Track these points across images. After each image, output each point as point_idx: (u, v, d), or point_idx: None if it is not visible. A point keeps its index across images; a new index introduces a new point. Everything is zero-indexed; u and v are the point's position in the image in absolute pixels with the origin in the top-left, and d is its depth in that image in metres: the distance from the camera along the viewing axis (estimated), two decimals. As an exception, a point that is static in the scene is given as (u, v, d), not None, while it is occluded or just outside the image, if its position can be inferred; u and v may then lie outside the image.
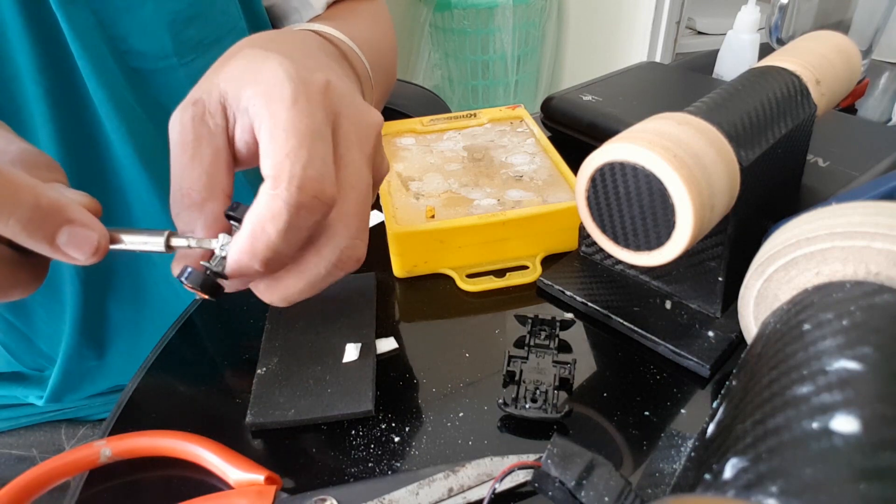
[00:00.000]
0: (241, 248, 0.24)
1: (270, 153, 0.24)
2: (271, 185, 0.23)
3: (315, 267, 0.26)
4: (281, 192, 0.23)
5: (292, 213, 0.23)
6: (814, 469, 0.16)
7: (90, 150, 0.43)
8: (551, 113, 0.56)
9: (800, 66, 0.36)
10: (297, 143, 0.23)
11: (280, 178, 0.23)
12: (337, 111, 0.26)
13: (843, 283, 0.24)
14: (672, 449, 0.28)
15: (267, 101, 0.24)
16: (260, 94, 0.25)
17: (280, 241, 0.23)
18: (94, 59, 0.40)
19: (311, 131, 0.24)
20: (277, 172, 0.23)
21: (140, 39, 0.42)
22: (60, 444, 0.51)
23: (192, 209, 0.26)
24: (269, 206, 0.23)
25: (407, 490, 0.26)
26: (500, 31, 1.63)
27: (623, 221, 0.31)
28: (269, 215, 0.23)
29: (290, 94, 0.24)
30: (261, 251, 0.24)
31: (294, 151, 0.23)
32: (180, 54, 0.44)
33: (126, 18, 0.41)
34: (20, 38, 0.38)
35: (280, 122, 0.24)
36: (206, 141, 0.26)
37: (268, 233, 0.23)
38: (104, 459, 0.29)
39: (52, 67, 0.39)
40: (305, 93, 0.25)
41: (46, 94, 0.40)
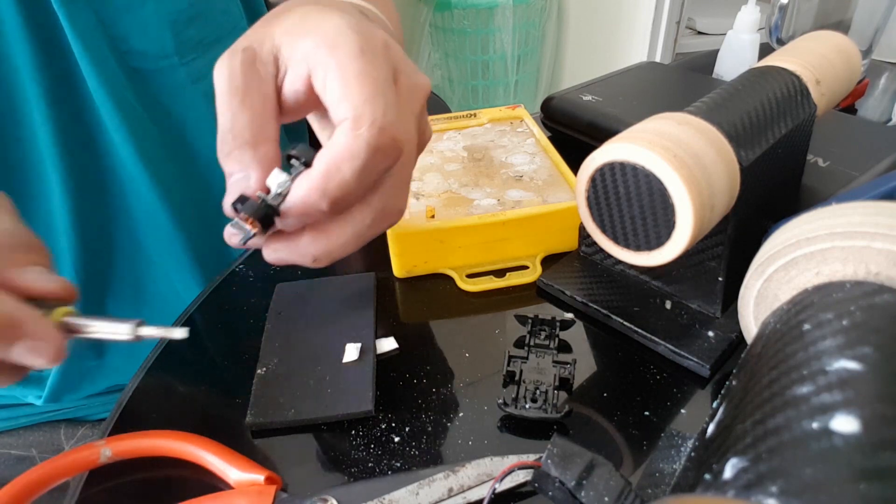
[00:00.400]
0: (312, 184, 0.24)
1: (347, 96, 0.24)
2: (351, 126, 0.23)
3: (362, 218, 0.26)
4: (363, 133, 0.23)
5: (370, 155, 0.23)
6: (814, 469, 0.16)
7: (90, 149, 0.43)
8: (551, 113, 0.56)
9: (800, 66, 0.36)
10: (374, 89, 0.24)
11: (361, 119, 0.23)
12: (396, 67, 0.27)
13: (843, 283, 0.24)
14: (672, 449, 0.28)
15: (332, 51, 0.25)
16: (323, 44, 0.25)
17: (353, 182, 0.24)
18: (94, 58, 0.40)
19: (383, 81, 0.25)
20: (359, 114, 0.23)
21: (141, 39, 0.42)
22: (60, 444, 0.51)
23: (246, 148, 0.26)
24: (349, 145, 0.23)
25: (407, 490, 0.26)
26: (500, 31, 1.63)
27: (623, 221, 0.31)
28: (347, 154, 0.23)
29: (356, 45, 0.25)
30: (332, 190, 0.24)
31: (373, 97, 0.24)
32: (181, 54, 0.44)
33: (127, 18, 0.41)
34: (19, 37, 0.38)
35: (352, 71, 0.24)
36: (257, 87, 0.26)
37: (343, 172, 0.23)
38: (104, 459, 0.29)
39: (51, 67, 0.39)
40: (370, 46, 0.25)
41: (45, 93, 0.40)
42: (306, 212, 0.25)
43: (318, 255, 0.27)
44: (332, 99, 0.25)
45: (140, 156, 0.44)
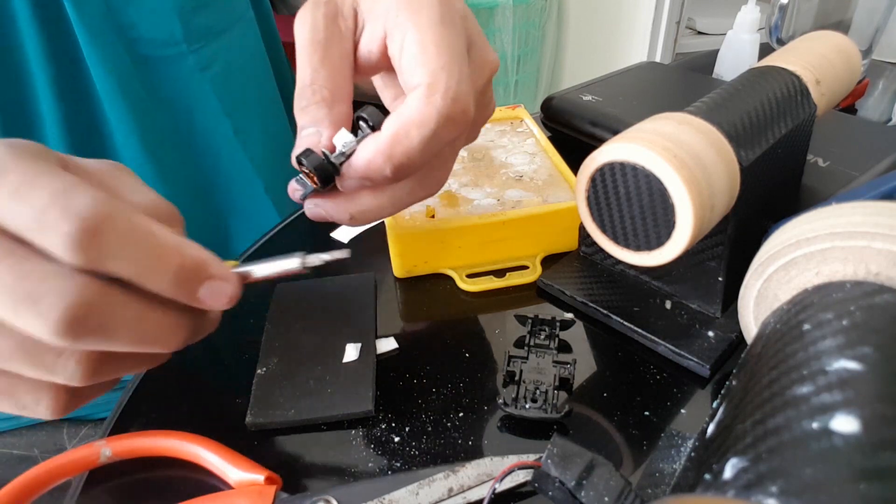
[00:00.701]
0: (379, 147, 0.24)
1: (424, 62, 0.24)
2: (425, 93, 0.23)
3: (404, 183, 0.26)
4: (436, 100, 0.23)
5: (441, 123, 0.23)
6: (814, 469, 0.16)
7: (96, 138, 0.43)
8: (551, 113, 0.56)
9: (800, 66, 0.36)
10: (450, 58, 0.24)
11: (436, 86, 0.23)
12: (470, 40, 0.27)
13: (843, 283, 0.24)
14: (672, 449, 0.28)
15: (412, 15, 0.25)
16: (405, 7, 0.25)
17: (420, 148, 0.24)
18: (100, 46, 0.40)
19: (459, 50, 0.24)
20: (433, 81, 0.23)
21: (150, 26, 0.42)
22: (62, 444, 0.51)
23: (322, 104, 0.26)
24: (421, 111, 0.23)
25: (407, 490, 0.26)
26: (500, 31, 1.63)
27: (623, 221, 0.31)
28: (418, 120, 0.23)
29: (437, 12, 0.25)
30: (398, 155, 0.24)
31: (449, 65, 0.23)
32: (190, 41, 0.44)
33: (135, 5, 0.41)
34: (28, 25, 0.38)
35: (431, 37, 0.24)
36: (337, 42, 0.26)
37: (411, 138, 0.23)
38: (104, 459, 0.29)
39: (59, 55, 0.39)
40: (450, 14, 0.25)
41: (53, 82, 0.40)
42: (369, 175, 0.25)
43: (354, 214, 0.27)
44: (407, 63, 0.25)
45: (144, 145, 0.44)
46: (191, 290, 0.23)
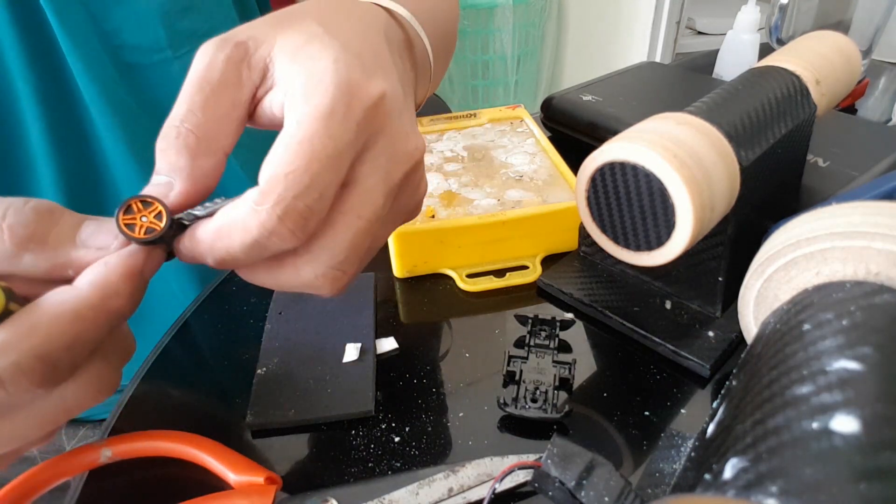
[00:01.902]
0: (201, 236, 0.22)
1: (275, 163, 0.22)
2: (258, 200, 0.21)
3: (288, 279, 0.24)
4: (261, 212, 0.21)
5: (263, 236, 0.21)
6: (814, 469, 0.16)
7: (82, 148, 0.43)
8: (551, 113, 0.56)
9: (800, 66, 0.36)
10: (305, 164, 0.21)
11: (268, 196, 0.21)
12: (377, 131, 0.24)
13: (843, 283, 0.24)
14: (672, 449, 0.28)
15: (304, 100, 0.22)
16: (303, 88, 0.23)
17: (242, 251, 0.22)
18: (84, 54, 0.39)
19: (326, 155, 0.22)
20: (268, 189, 0.21)
21: (133, 32, 0.42)
22: (61, 445, 0.51)
23: (183, 153, 0.23)
24: (245, 217, 0.21)
25: (407, 490, 0.26)
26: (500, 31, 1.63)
27: (623, 221, 0.31)
28: (240, 225, 0.21)
29: (327, 106, 0.22)
30: (219, 250, 0.22)
31: (297, 173, 0.21)
32: (175, 47, 0.44)
33: (118, 11, 0.40)
34: (9, 34, 0.37)
35: (301, 133, 0.22)
36: (232, 89, 0.24)
37: (233, 239, 0.22)
38: (104, 460, 0.29)
39: (41, 64, 0.39)
40: (347, 104, 0.22)
41: (36, 91, 0.39)
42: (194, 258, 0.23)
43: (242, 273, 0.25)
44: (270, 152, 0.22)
45: (132, 153, 0.43)
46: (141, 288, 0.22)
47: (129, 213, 0.22)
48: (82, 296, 0.20)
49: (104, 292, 0.21)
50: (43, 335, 0.19)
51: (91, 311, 0.20)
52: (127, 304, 0.21)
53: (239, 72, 0.24)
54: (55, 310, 0.20)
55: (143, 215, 0.22)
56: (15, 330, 0.19)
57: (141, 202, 0.22)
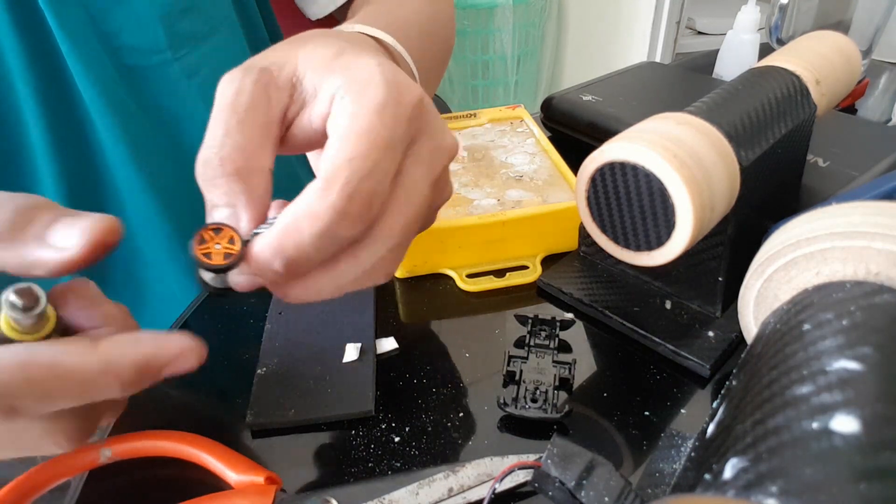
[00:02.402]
0: (269, 242, 0.22)
1: (335, 153, 0.22)
2: (323, 186, 0.22)
3: (346, 272, 0.24)
4: (330, 196, 0.21)
5: (334, 220, 0.22)
6: (814, 469, 0.16)
7: (83, 150, 0.43)
8: (551, 113, 0.56)
9: (800, 66, 0.36)
10: (365, 151, 0.22)
11: (335, 181, 0.21)
12: (421, 127, 0.25)
13: (843, 283, 0.24)
14: (672, 449, 0.28)
15: (355, 99, 0.23)
16: (350, 90, 0.23)
17: (312, 244, 0.22)
18: (84, 56, 0.39)
19: (384, 143, 0.22)
20: (333, 175, 0.22)
21: (133, 34, 0.42)
22: (61, 445, 0.51)
23: (234, 178, 0.23)
24: (313, 205, 0.21)
25: (407, 490, 0.26)
26: (500, 31, 1.63)
27: (623, 221, 0.31)
28: (310, 213, 0.21)
29: (381, 100, 0.23)
30: (288, 250, 0.22)
31: (359, 159, 0.22)
32: (174, 48, 0.44)
33: (118, 12, 0.40)
34: (8, 36, 0.37)
35: (358, 126, 0.22)
36: (263, 111, 0.24)
37: (302, 232, 0.21)
38: (104, 460, 0.29)
39: (41, 66, 0.39)
40: (397, 100, 0.23)
41: (36, 93, 0.39)
42: (258, 271, 0.22)
43: (290, 298, 0.25)
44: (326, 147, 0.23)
45: (133, 156, 0.43)
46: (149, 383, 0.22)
47: (203, 243, 0.22)
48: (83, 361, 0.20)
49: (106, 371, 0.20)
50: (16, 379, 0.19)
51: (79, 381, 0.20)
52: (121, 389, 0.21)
53: (267, 93, 0.24)
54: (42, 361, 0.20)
55: (217, 242, 0.22)
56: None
57: (212, 230, 0.22)
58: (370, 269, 0.24)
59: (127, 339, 0.21)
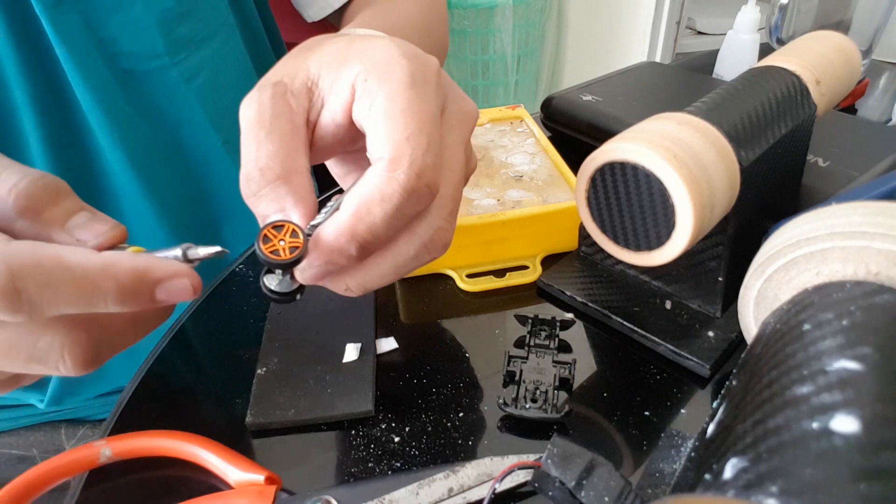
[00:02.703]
0: (341, 227, 0.22)
1: (389, 133, 0.22)
2: (388, 167, 0.22)
3: (406, 248, 0.24)
4: (399, 176, 0.22)
5: (404, 199, 0.22)
6: (814, 469, 0.16)
7: (81, 157, 0.43)
8: (551, 113, 0.56)
9: (800, 66, 0.36)
10: (418, 127, 0.22)
11: (400, 160, 0.22)
12: (446, 96, 0.25)
13: (843, 283, 0.24)
14: (672, 449, 0.28)
15: (383, 79, 0.23)
16: (373, 71, 0.23)
17: (384, 224, 0.22)
18: (81, 62, 0.39)
19: (430, 115, 0.23)
20: (397, 155, 0.22)
21: (130, 40, 0.42)
22: (60, 444, 0.51)
23: (278, 184, 0.23)
24: (383, 187, 0.22)
25: (407, 490, 0.26)
26: (500, 31, 1.63)
27: (623, 221, 0.31)
28: (379, 197, 0.22)
29: (408, 74, 0.23)
30: (362, 233, 0.22)
31: (415, 136, 0.22)
32: (172, 53, 0.44)
33: (115, 19, 0.40)
34: (5, 43, 0.37)
35: (399, 103, 0.23)
36: (287, 118, 0.24)
37: (374, 214, 0.22)
38: (104, 459, 0.29)
39: (38, 73, 0.39)
40: (423, 73, 0.24)
41: (33, 100, 0.39)
42: (333, 258, 0.23)
43: (353, 288, 0.25)
44: (373, 132, 0.23)
45: (131, 160, 0.43)
46: (145, 300, 0.22)
47: (267, 241, 0.22)
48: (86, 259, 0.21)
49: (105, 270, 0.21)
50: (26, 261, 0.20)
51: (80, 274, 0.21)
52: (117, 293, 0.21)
53: (287, 102, 0.24)
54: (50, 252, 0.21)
55: (281, 239, 0.22)
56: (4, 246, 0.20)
57: (273, 228, 0.22)
58: (428, 242, 0.25)
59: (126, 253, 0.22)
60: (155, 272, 0.22)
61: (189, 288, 0.23)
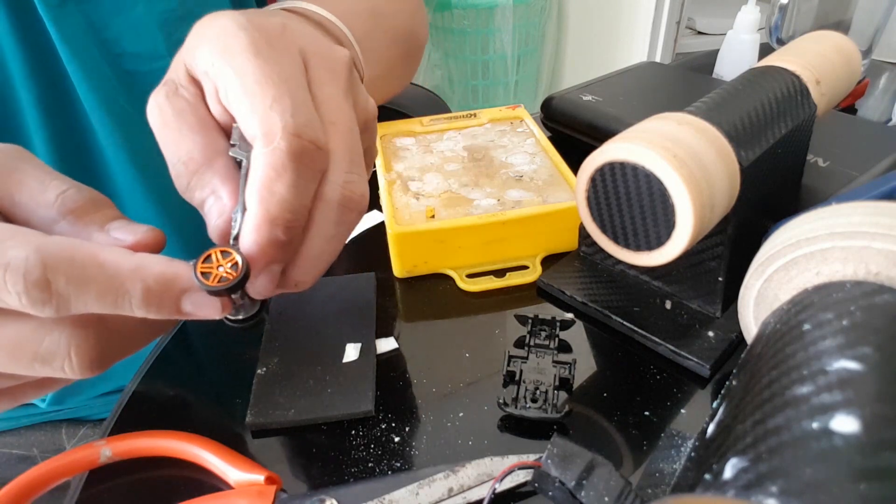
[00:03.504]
0: (257, 221, 0.22)
1: (252, 109, 0.22)
2: (264, 142, 0.21)
3: (325, 216, 0.24)
4: (279, 145, 0.21)
5: (295, 163, 0.21)
6: (814, 469, 0.16)
7: (84, 156, 0.43)
8: (551, 113, 0.56)
9: (800, 66, 0.36)
10: (278, 91, 0.22)
11: (272, 130, 0.21)
12: (301, 49, 0.25)
13: (843, 283, 0.24)
14: (672, 449, 0.28)
15: (226, 58, 0.23)
16: (216, 50, 0.23)
17: (292, 196, 0.22)
18: (84, 63, 0.39)
19: (285, 77, 0.23)
20: (267, 126, 0.22)
21: (133, 41, 0.42)
22: (61, 444, 0.51)
23: (202, 171, 0.23)
24: (271, 163, 0.21)
25: (407, 490, 0.26)
26: (500, 31, 1.63)
27: (623, 221, 0.31)
28: (273, 173, 0.21)
29: (249, 45, 0.23)
30: (277, 214, 0.22)
31: (278, 101, 0.22)
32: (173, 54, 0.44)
33: (118, 20, 0.41)
34: (9, 44, 0.38)
35: (250, 76, 0.22)
36: (189, 111, 0.24)
37: (277, 192, 0.21)
38: (104, 459, 0.29)
39: (42, 74, 0.39)
40: (265, 38, 0.23)
41: (38, 101, 0.40)
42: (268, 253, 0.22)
43: (307, 278, 0.25)
44: (238, 115, 0.23)
45: (133, 161, 0.44)
46: (169, 308, 0.22)
47: (209, 262, 0.22)
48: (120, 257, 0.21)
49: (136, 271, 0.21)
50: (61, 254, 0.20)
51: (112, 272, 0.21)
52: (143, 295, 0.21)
53: (180, 96, 0.25)
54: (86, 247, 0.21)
55: (221, 265, 0.22)
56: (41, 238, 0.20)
57: (203, 262, 0.22)
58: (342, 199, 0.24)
59: (159, 256, 0.22)
60: (182, 280, 0.22)
61: (219, 307, 0.23)
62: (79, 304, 0.20)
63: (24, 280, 0.19)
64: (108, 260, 0.21)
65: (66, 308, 0.20)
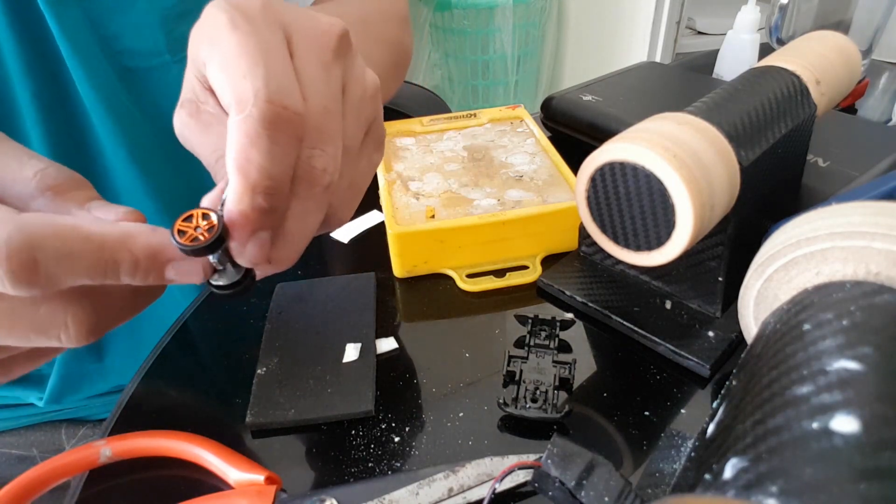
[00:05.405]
0: (238, 188, 0.21)
1: (227, 80, 0.22)
2: (237, 111, 0.21)
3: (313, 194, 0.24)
4: (252, 112, 0.21)
5: (269, 128, 0.21)
6: (814, 469, 0.16)
7: (83, 152, 0.43)
8: (551, 113, 0.56)
9: (800, 66, 0.36)
10: (252, 61, 0.22)
11: (245, 98, 0.21)
12: (283, 23, 0.25)
13: (843, 283, 0.24)
14: (672, 449, 0.28)
15: (211, 39, 0.23)
16: (205, 39, 0.24)
17: (270, 163, 0.21)
18: (84, 59, 0.39)
19: (264, 48, 0.22)
20: (239, 94, 0.21)
21: (133, 38, 0.42)
22: (61, 444, 0.51)
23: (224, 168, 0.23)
24: (244, 130, 0.21)
25: (407, 490, 0.26)
26: (500, 31, 1.63)
27: (623, 221, 0.31)
28: (247, 141, 0.21)
29: (227, 21, 0.23)
30: (257, 180, 0.21)
31: (252, 70, 0.22)
32: (173, 51, 0.44)
33: (118, 17, 0.41)
34: (8, 40, 0.37)
35: (226, 49, 0.22)
36: (214, 122, 0.25)
37: (254, 159, 0.21)
38: (104, 459, 0.29)
39: (41, 70, 0.39)
40: (243, 15, 0.23)
41: (35, 97, 0.40)
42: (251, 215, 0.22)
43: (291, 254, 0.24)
44: (216, 87, 0.23)
45: (132, 157, 0.43)
46: (156, 276, 0.22)
47: (189, 220, 0.22)
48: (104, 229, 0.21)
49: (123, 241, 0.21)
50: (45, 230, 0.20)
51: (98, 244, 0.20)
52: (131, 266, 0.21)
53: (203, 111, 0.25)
54: (69, 221, 0.20)
55: (198, 226, 0.22)
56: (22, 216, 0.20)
57: (183, 221, 0.22)
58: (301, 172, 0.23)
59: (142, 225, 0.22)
60: (169, 251, 0.22)
61: (200, 271, 0.23)
62: (69, 281, 0.20)
63: (7, 262, 0.19)
64: (96, 232, 0.20)
65: (54, 286, 0.20)
